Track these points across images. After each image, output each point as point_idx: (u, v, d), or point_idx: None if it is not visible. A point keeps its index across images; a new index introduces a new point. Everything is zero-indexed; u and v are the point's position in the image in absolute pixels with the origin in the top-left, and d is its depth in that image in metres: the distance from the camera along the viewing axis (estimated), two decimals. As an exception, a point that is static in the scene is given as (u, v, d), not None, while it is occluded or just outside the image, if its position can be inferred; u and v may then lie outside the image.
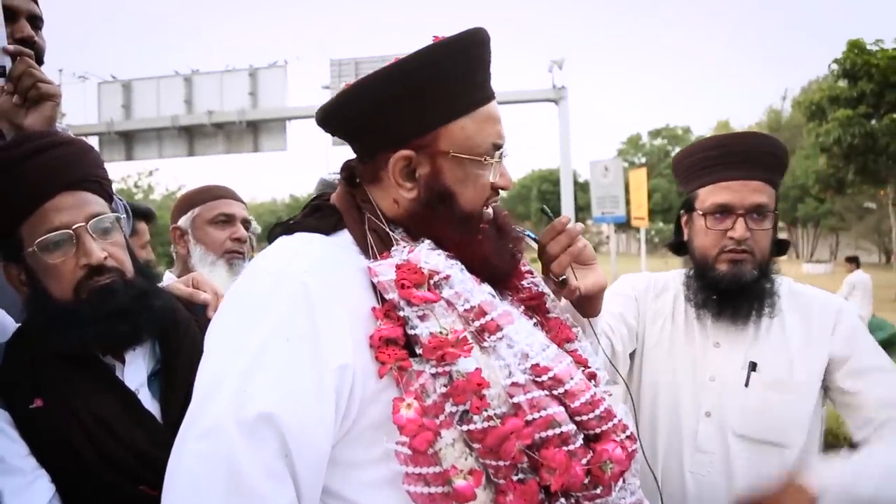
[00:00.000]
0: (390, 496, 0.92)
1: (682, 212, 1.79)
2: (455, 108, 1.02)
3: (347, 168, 1.12)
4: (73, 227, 1.18)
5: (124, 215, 1.47)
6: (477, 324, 0.97)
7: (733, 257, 1.62)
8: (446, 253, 1.02)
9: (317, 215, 1.10)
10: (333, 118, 1.08)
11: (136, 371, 1.23)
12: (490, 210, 1.10)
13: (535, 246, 1.23)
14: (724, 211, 1.62)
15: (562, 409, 0.95)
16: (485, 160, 1.04)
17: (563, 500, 0.94)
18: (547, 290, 1.21)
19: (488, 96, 1.06)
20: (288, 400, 0.89)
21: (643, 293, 1.81)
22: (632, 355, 1.77)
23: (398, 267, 0.98)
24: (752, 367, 1.62)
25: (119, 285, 1.20)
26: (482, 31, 1.05)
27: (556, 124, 11.77)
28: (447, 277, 0.99)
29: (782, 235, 1.78)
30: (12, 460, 1.09)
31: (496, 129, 1.06)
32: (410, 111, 1.01)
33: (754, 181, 1.62)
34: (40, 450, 1.12)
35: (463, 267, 1.02)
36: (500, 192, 1.10)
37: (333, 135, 1.12)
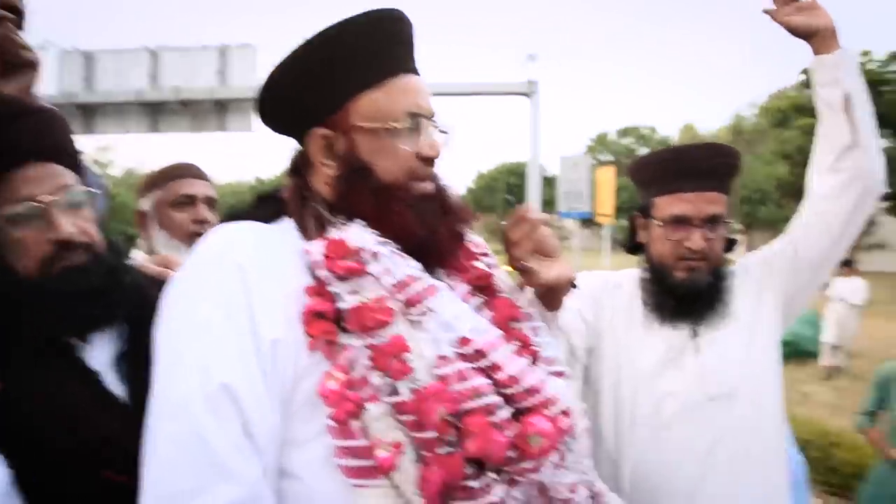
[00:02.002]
0: (330, 472, 0.93)
1: (637, 213, 1.82)
2: (362, 80, 1.05)
3: (292, 159, 1.15)
4: (42, 199, 1.12)
5: (98, 190, 1.42)
6: (401, 296, 0.98)
7: (690, 265, 1.70)
8: (378, 234, 1.03)
9: (259, 205, 1.13)
10: (263, 108, 1.11)
11: (100, 352, 1.17)
12: (429, 185, 1.10)
13: None
14: (681, 222, 1.68)
15: (487, 381, 0.95)
16: (395, 127, 1.05)
17: (493, 474, 0.93)
18: (499, 271, 1.21)
19: (404, 69, 1.09)
20: (239, 374, 0.91)
21: (599, 290, 1.86)
22: (590, 351, 1.80)
23: (326, 243, 1.00)
24: (694, 333, 1.71)
25: (90, 263, 1.15)
26: (392, 10, 1.08)
27: (526, 118, 11.79)
28: (375, 254, 1.00)
29: (740, 237, 1.85)
30: None
31: (412, 99, 1.07)
32: (319, 88, 1.05)
33: (710, 192, 1.69)
34: None
35: (396, 248, 1.03)
36: (433, 162, 1.10)
37: (272, 128, 1.15)
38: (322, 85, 1.05)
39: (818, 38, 1.64)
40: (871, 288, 9.43)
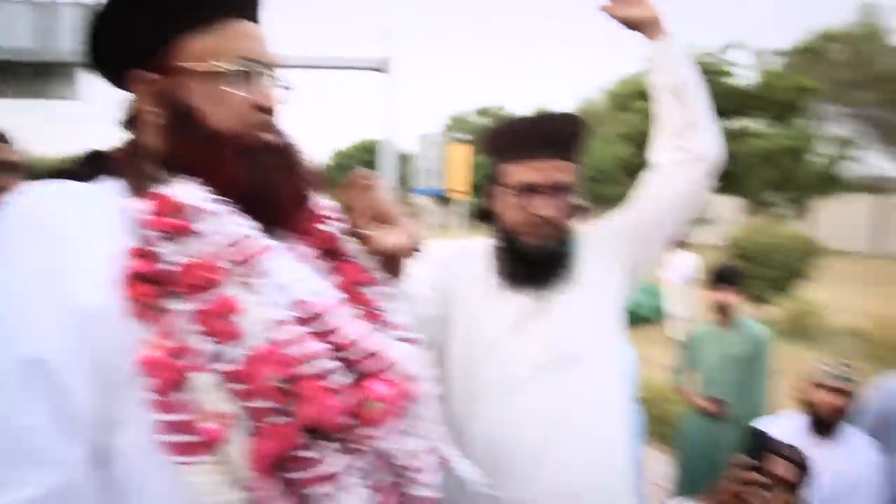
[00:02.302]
0: (156, 451, 0.84)
1: (489, 182, 1.84)
2: (191, 19, 0.98)
3: (124, 112, 1.05)
4: None
5: None
6: (233, 257, 0.91)
7: (539, 232, 1.72)
8: (211, 189, 0.96)
9: (84, 164, 1.03)
10: (89, 50, 1.02)
11: None
12: (268, 139, 1.02)
13: None
14: (531, 189, 1.70)
15: (323, 345, 0.91)
16: (224, 70, 0.98)
17: (331, 444, 0.89)
18: (347, 236, 1.16)
19: (240, 15, 1.02)
20: (54, 345, 0.82)
21: (452, 259, 1.85)
22: (441, 319, 1.79)
23: (152, 201, 0.92)
24: (542, 298, 1.74)
25: None
26: None
27: (383, 95, 11.72)
28: (205, 211, 0.92)
29: (586, 213, 1.91)
30: None
31: (246, 44, 1.01)
32: (145, 25, 0.98)
33: (561, 161, 1.72)
34: None
35: (230, 206, 0.95)
36: (271, 114, 1.03)
37: (102, 74, 1.06)
38: (148, 22, 0.97)
39: (647, 27, 1.79)
40: (701, 260, 10.28)
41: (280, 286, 0.92)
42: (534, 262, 1.74)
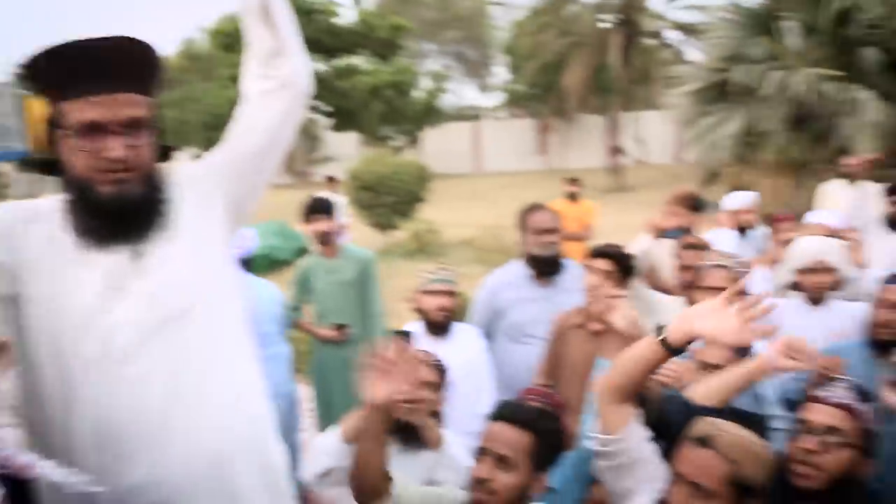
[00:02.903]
0: None
1: (49, 125, 1.54)
2: None
3: None
4: None
5: None
6: None
7: (115, 177, 1.48)
8: None
9: None
10: None
11: None
12: None
13: None
14: (96, 129, 1.45)
15: None
16: None
17: None
18: None
19: None
20: None
21: (12, 225, 1.52)
22: (12, 299, 1.49)
23: None
24: (136, 253, 1.53)
25: None
26: None
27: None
28: None
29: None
30: None
31: None
32: None
33: (126, 93, 1.48)
34: None
35: None
36: None
37: None
38: None
39: None
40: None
41: None
42: (115, 214, 1.50)
